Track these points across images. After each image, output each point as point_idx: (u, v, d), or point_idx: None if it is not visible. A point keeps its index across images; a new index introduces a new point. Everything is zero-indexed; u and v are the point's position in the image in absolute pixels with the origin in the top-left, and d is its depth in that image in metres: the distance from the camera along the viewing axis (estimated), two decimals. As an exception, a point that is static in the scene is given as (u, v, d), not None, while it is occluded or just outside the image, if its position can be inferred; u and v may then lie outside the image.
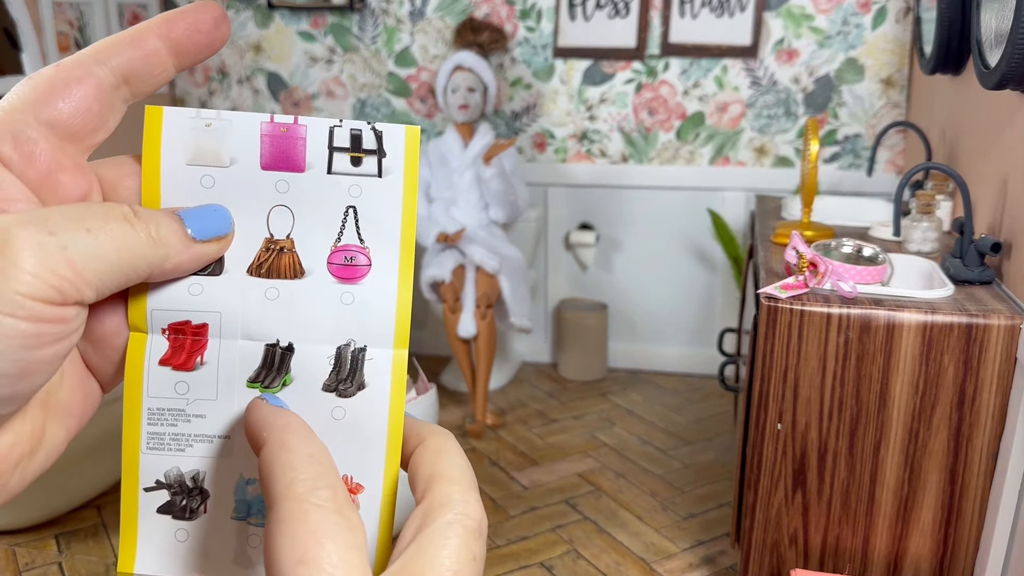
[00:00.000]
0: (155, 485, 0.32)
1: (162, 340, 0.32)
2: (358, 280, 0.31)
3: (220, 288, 0.31)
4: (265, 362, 0.31)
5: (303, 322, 0.31)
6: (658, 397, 2.77)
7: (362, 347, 0.31)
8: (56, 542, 1.94)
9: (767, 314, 1.36)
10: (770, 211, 2.17)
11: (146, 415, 0.32)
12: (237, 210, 0.31)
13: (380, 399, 0.31)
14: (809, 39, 2.61)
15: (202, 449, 0.32)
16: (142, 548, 0.32)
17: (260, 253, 0.31)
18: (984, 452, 1.34)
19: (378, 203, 0.31)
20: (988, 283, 1.44)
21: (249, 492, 0.32)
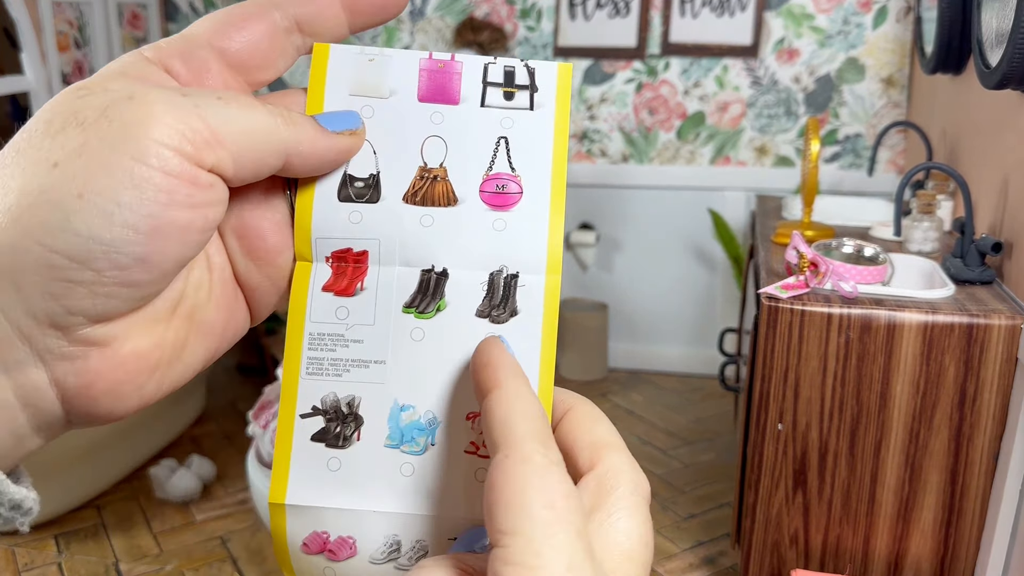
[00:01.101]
0: (311, 411, 0.32)
1: (325, 268, 0.32)
2: (510, 207, 0.32)
3: (378, 215, 0.32)
4: (420, 287, 0.32)
5: (457, 248, 0.32)
6: (658, 397, 2.76)
7: (514, 273, 0.32)
8: (55, 542, 1.94)
9: (768, 314, 1.36)
10: (771, 211, 2.16)
11: (307, 340, 0.32)
12: (393, 139, 0.32)
13: (533, 325, 0.31)
14: (810, 39, 2.60)
15: (358, 374, 0.32)
16: (294, 478, 0.32)
17: (415, 181, 0.32)
18: (985, 452, 1.33)
19: (529, 134, 0.32)
20: (989, 283, 1.44)
21: (403, 419, 0.31)
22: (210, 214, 0.27)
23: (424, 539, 0.31)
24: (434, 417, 0.31)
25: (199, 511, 2.06)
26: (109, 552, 1.90)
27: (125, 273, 0.25)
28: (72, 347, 0.26)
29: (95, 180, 0.24)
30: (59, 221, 0.24)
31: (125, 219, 0.25)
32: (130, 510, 2.07)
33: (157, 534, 1.97)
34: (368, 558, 0.31)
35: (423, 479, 0.31)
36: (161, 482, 2.08)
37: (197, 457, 2.19)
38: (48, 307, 0.25)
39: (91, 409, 0.27)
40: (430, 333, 0.32)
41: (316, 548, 0.32)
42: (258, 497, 1.68)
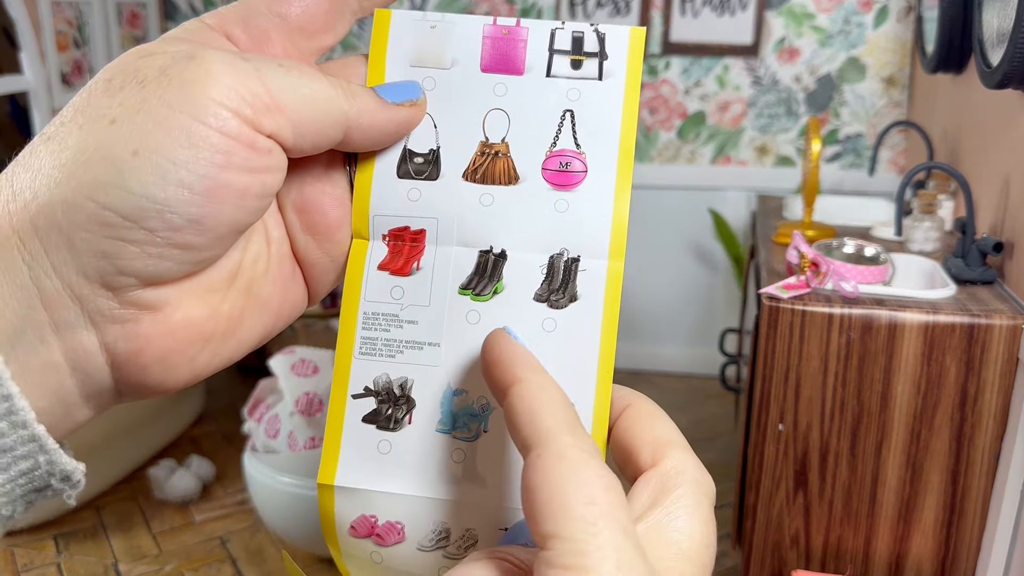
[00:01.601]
0: (363, 392, 0.31)
1: (382, 246, 0.32)
2: (573, 187, 0.30)
3: (437, 193, 0.31)
4: (477, 269, 0.31)
5: (517, 229, 0.31)
6: (659, 397, 2.74)
7: (575, 257, 0.30)
8: (55, 542, 1.93)
9: (768, 314, 1.36)
10: (771, 211, 2.16)
11: (361, 319, 0.31)
12: (455, 113, 0.31)
13: (593, 312, 0.30)
14: (810, 38, 2.60)
15: (412, 356, 0.31)
16: (344, 459, 0.31)
17: (475, 157, 0.31)
18: (986, 453, 1.33)
19: (597, 107, 0.31)
20: (990, 283, 1.43)
21: (455, 404, 0.31)
22: (268, 181, 0.26)
23: (474, 528, 0.30)
24: (487, 403, 0.30)
25: (198, 511, 2.06)
26: (108, 552, 1.90)
27: (178, 234, 0.25)
28: (123, 309, 0.26)
29: (151, 137, 0.24)
30: (113, 178, 0.24)
31: (180, 178, 0.24)
32: (129, 510, 2.06)
33: (156, 534, 1.96)
34: (416, 544, 0.31)
35: (474, 466, 0.30)
36: (160, 482, 2.08)
37: (196, 457, 2.19)
38: (100, 266, 0.25)
39: (141, 378, 0.27)
40: (486, 316, 0.31)
41: (364, 532, 0.31)
42: (256, 491, 1.68)
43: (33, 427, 0.24)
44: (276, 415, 1.74)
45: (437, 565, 0.31)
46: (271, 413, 1.75)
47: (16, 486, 0.25)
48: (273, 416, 1.74)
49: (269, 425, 1.73)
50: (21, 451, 0.25)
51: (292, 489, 1.60)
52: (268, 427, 1.73)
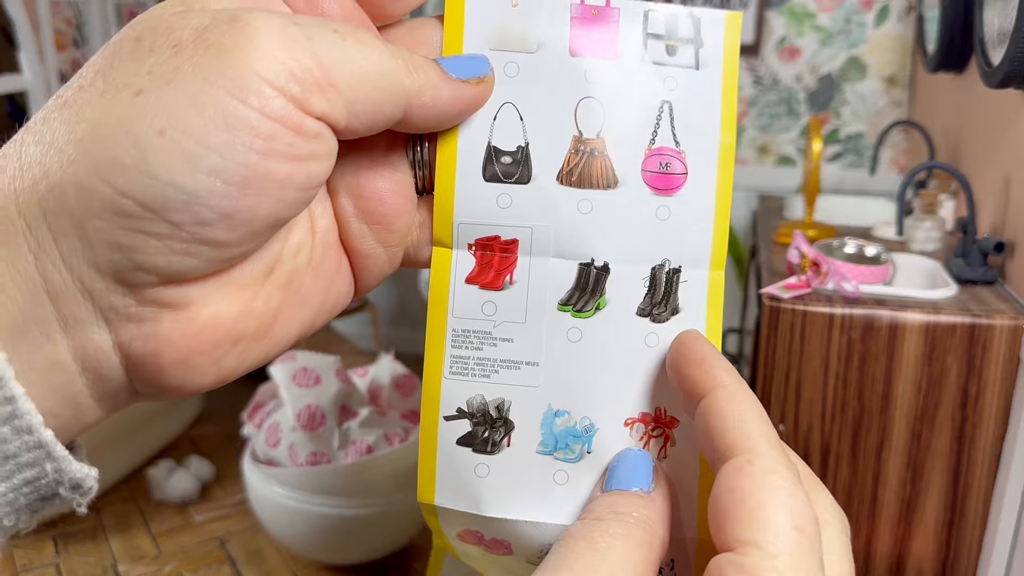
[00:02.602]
0: (456, 414, 0.29)
1: (468, 256, 0.29)
2: (674, 192, 0.28)
3: (530, 199, 0.28)
4: (579, 283, 0.29)
5: (618, 240, 0.28)
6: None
7: (677, 268, 0.29)
8: (54, 543, 1.93)
9: (769, 314, 1.35)
10: (772, 210, 2.16)
11: (450, 337, 0.29)
12: (543, 101, 0.28)
13: (695, 324, 0.29)
14: (811, 37, 2.60)
15: (508, 376, 0.29)
16: (441, 480, 0.30)
17: (569, 156, 0.28)
18: (987, 453, 1.33)
19: (695, 100, 0.28)
20: (991, 283, 1.43)
21: (557, 425, 0.29)
22: (314, 169, 0.23)
23: None
24: (591, 424, 0.29)
25: (197, 512, 2.06)
26: (107, 553, 1.89)
27: (206, 230, 0.22)
28: (141, 308, 0.22)
29: (182, 115, 0.21)
30: (134, 159, 0.21)
31: (213, 165, 0.21)
32: (128, 511, 2.06)
33: (155, 535, 1.96)
34: (525, 559, 0.30)
35: (578, 488, 0.29)
36: (159, 483, 2.08)
37: (195, 458, 2.18)
38: (114, 259, 0.22)
39: (159, 380, 0.24)
40: (587, 334, 0.29)
41: (471, 540, 0.30)
42: (255, 497, 1.67)
43: (40, 432, 0.22)
44: (276, 423, 1.72)
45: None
46: (271, 421, 1.73)
47: (20, 495, 0.23)
48: (273, 424, 1.72)
49: (270, 433, 1.72)
50: (26, 458, 0.22)
51: (294, 503, 1.59)
52: (268, 435, 1.72)
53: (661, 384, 0.29)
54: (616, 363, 0.29)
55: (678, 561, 0.28)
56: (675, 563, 0.28)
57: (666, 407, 0.29)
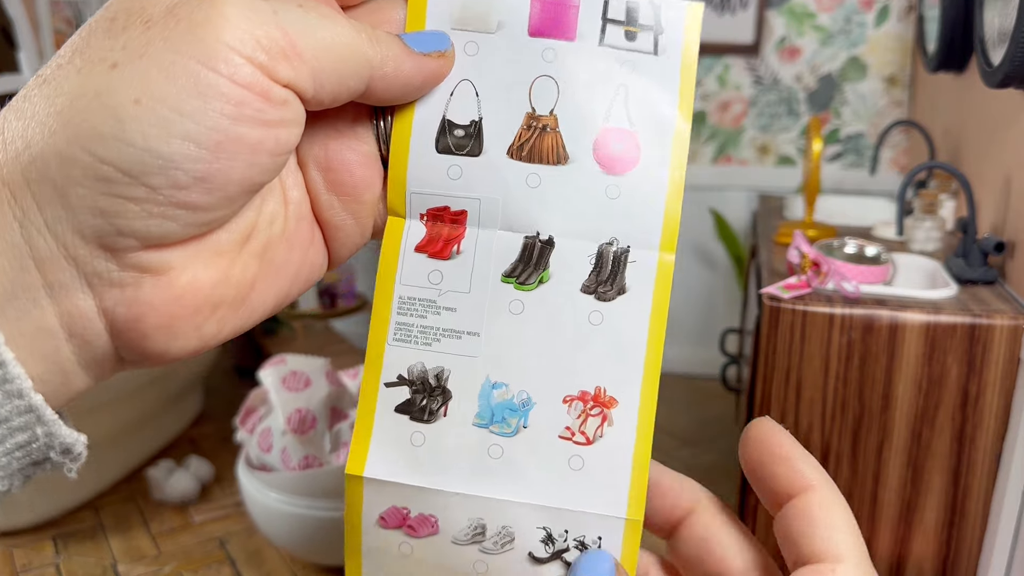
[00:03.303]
0: (397, 380, 0.30)
1: (419, 226, 0.30)
2: (626, 171, 0.29)
3: (479, 171, 0.29)
4: (523, 256, 0.29)
5: (565, 215, 0.29)
6: (659, 398, 2.75)
7: (625, 247, 0.29)
8: (53, 543, 1.93)
9: (769, 314, 1.35)
10: (772, 210, 2.16)
11: (397, 303, 0.30)
12: (499, 79, 0.29)
13: (641, 306, 0.29)
14: (811, 37, 2.59)
15: (449, 345, 0.29)
16: (374, 450, 0.30)
17: (521, 131, 0.29)
18: (987, 453, 1.32)
19: (651, 84, 0.28)
20: (992, 283, 1.43)
21: (495, 397, 0.29)
22: (283, 135, 0.24)
23: (511, 525, 0.29)
24: (528, 398, 0.29)
25: (197, 512, 2.06)
26: (107, 553, 1.89)
27: (183, 193, 0.23)
28: (123, 272, 0.24)
29: (156, 85, 0.22)
30: (112, 128, 0.22)
31: (187, 131, 0.22)
32: (128, 511, 2.06)
33: (155, 535, 1.96)
34: (451, 538, 0.29)
35: (513, 463, 0.29)
36: (159, 483, 2.08)
37: (195, 458, 2.19)
38: (97, 224, 0.23)
39: (142, 346, 0.25)
40: (530, 307, 0.29)
41: (394, 523, 0.30)
42: (250, 502, 1.66)
43: (30, 397, 0.23)
44: (268, 428, 1.71)
45: (472, 559, 0.29)
46: (263, 426, 1.72)
47: (12, 459, 0.23)
48: (265, 429, 1.71)
49: (262, 438, 1.71)
50: (17, 422, 0.23)
51: (289, 508, 1.58)
52: (261, 440, 1.71)
53: (603, 363, 0.29)
54: (558, 339, 0.29)
55: (606, 539, 0.29)
56: (602, 540, 0.29)
57: (606, 386, 0.29)
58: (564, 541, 0.29)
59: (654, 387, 0.29)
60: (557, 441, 0.29)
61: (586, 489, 0.29)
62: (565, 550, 0.29)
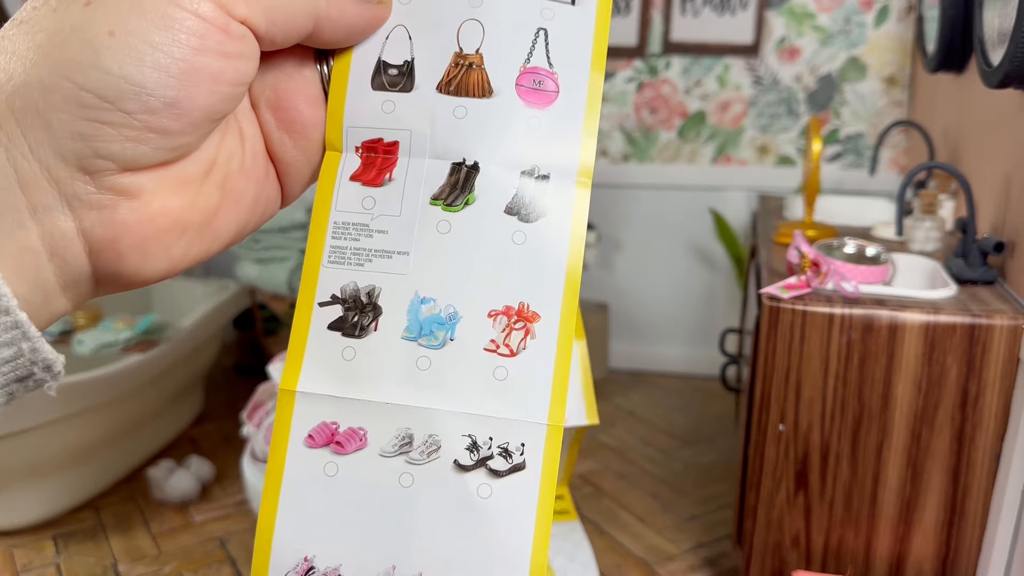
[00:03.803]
0: (330, 300, 0.31)
1: (355, 158, 0.32)
2: (545, 106, 0.31)
3: (410, 105, 0.31)
4: (450, 180, 0.31)
5: (490, 143, 0.31)
6: (659, 398, 2.76)
7: (546, 174, 0.31)
8: (54, 543, 1.93)
9: (769, 314, 1.35)
10: (772, 210, 2.16)
11: (331, 228, 0.32)
12: (430, 23, 0.31)
13: (562, 228, 0.31)
14: (811, 37, 2.60)
15: (380, 264, 0.31)
16: (307, 366, 0.31)
17: (449, 69, 0.31)
18: (987, 453, 1.33)
19: (569, 30, 0.31)
20: (991, 283, 1.43)
21: (423, 312, 0.31)
22: (241, 67, 0.27)
23: (437, 434, 0.30)
24: (455, 312, 0.31)
25: (198, 512, 2.06)
26: (107, 553, 1.89)
27: (155, 117, 0.25)
28: (100, 194, 0.26)
29: (127, 19, 0.24)
30: (89, 58, 0.24)
31: (157, 60, 0.25)
32: (128, 511, 2.06)
33: (155, 535, 1.96)
34: (378, 451, 0.31)
35: (440, 373, 0.30)
36: (159, 483, 2.08)
37: (196, 458, 2.19)
38: (77, 148, 0.25)
39: (117, 265, 0.27)
40: (456, 227, 0.31)
41: (322, 440, 0.31)
42: (254, 497, 1.67)
43: (16, 313, 0.24)
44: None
45: (399, 471, 0.31)
46: (270, 420, 1.73)
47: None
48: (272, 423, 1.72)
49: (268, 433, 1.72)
50: (4, 338, 0.24)
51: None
52: (268, 434, 1.72)
53: (525, 280, 0.31)
54: (482, 256, 0.31)
55: (528, 444, 0.30)
56: (525, 446, 0.30)
57: (529, 302, 0.31)
58: (488, 448, 0.30)
59: (574, 302, 0.31)
60: (482, 353, 0.30)
61: (510, 398, 0.30)
62: (489, 457, 0.30)
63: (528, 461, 0.30)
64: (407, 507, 0.30)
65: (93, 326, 2.29)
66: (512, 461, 0.30)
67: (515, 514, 0.30)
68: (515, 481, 0.30)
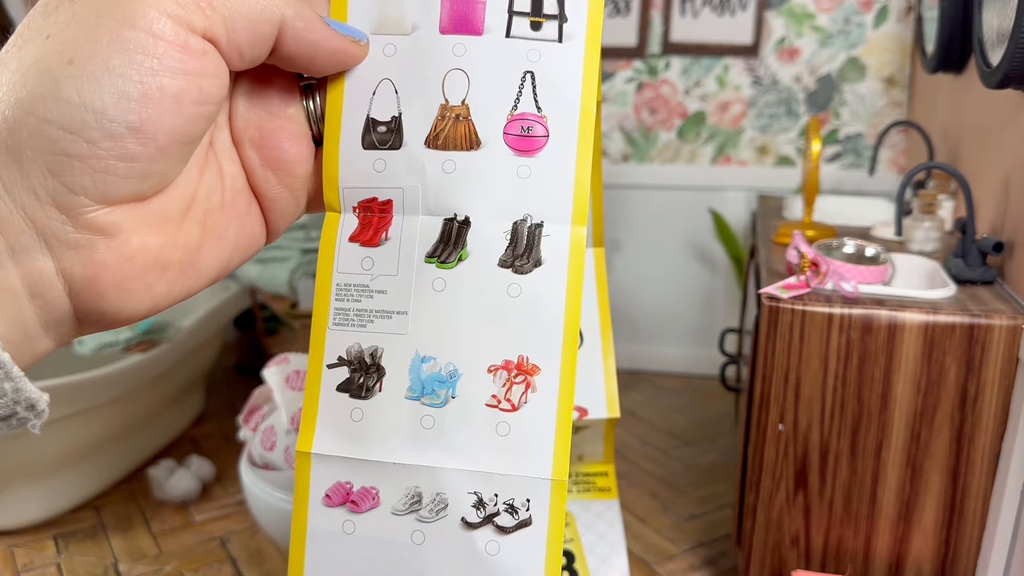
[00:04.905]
0: (337, 361, 0.32)
1: (352, 218, 0.32)
2: (535, 152, 0.31)
3: (400, 163, 0.31)
4: (442, 237, 0.31)
5: (479, 195, 0.31)
6: (659, 398, 2.76)
7: (539, 223, 0.31)
8: (54, 543, 1.93)
9: (768, 314, 1.36)
10: (772, 211, 2.16)
11: (335, 291, 0.32)
12: (415, 76, 0.31)
13: (557, 277, 0.30)
14: (811, 38, 2.60)
15: (381, 325, 0.31)
16: (320, 427, 0.32)
17: (436, 122, 0.31)
18: (986, 453, 1.33)
19: (557, 69, 0.31)
20: (990, 283, 1.43)
21: (424, 371, 0.31)
22: (205, 85, 0.26)
23: (444, 492, 0.31)
24: (455, 369, 0.31)
25: (198, 512, 2.06)
26: (108, 553, 1.89)
27: (120, 144, 0.25)
28: (78, 233, 0.25)
29: (84, 45, 0.24)
30: (50, 89, 0.24)
31: (115, 84, 0.24)
32: (129, 511, 2.06)
33: (156, 535, 1.96)
34: (390, 509, 0.31)
35: (443, 432, 0.31)
36: (160, 483, 2.08)
37: (196, 458, 2.19)
38: (49, 185, 0.25)
39: (99, 304, 0.27)
40: (452, 283, 0.31)
41: (338, 500, 0.32)
42: (253, 500, 1.67)
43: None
44: (271, 426, 1.72)
45: (411, 529, 0.31)
46: (266, 424, 1.73)
47: None
48: (268, 427, 1.72)
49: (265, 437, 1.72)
50: None
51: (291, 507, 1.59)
52: (264, 439, 1.72)
53: (523, 332, 0.30)
54: (479, 312, 0.31)
55: (534, 500, 0.30)
56: (531, 502, 0.30)
57: (528, 355, 0.30)
58: (495, 505, 0.30)
59: (573, 352, 0.30)
60: (484, 409, 0.30)
61: (513, 454, 0.30)
62: (496, 514, 0.30)
63: (534, 517, 0.30)
64: (420, 564, 0.31)
65: (93, 326, 2.29)
66: (518, 517, 0.30)
67: (524, 571, 0.30)
68: (522, 537, 0.30)
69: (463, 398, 0.31)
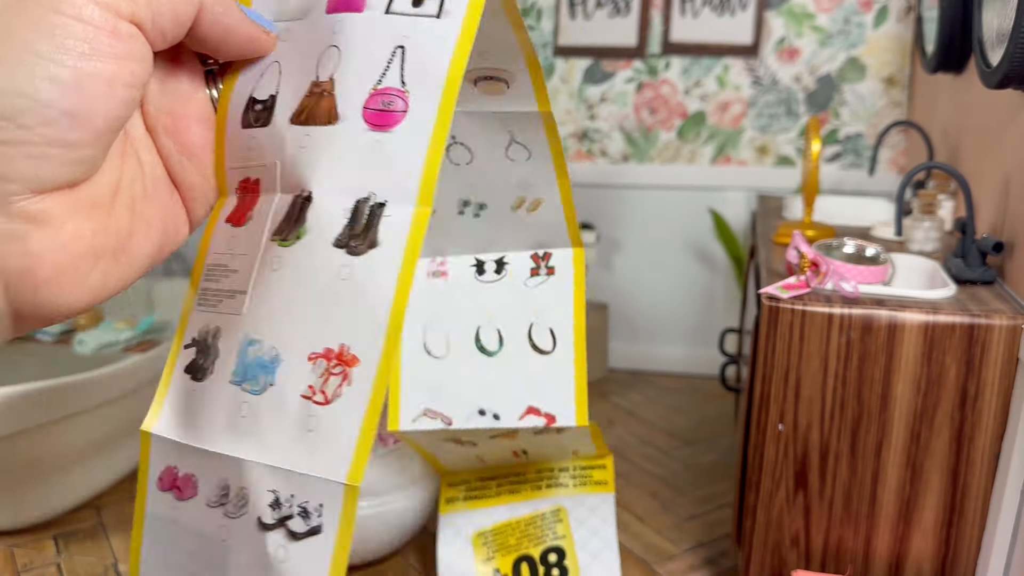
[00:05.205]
0: (191, 342, 0.31)
1: (234, 199, 0.32)
2: (390, 127, 0.29)
3: (267, 140, 0.31)
4: (288, 214, 0.30)
5: (328, 171, 0.29)
6: (659, 398, 2.76)
7: (382, 202, 0.29)
8: (54, 543, 1.93)
9: (768, 314, 1.36)
10: (771, 211, 2.16)
11: (205, 271, 0.32)
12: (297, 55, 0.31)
13: (391, 261, 0.28)
14: (810, 38, 2.60)
15: (226, 305, 0.30)
16: (164, 408, 0.31)
17: (303, 99, 0.30)
18: (986, 453, 1.33)
19: (429, 44, 0.29)
20: (990, 283, 1.43)
21: (249, 354, 0.29)
22: (135, 69, 0.27)
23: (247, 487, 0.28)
24: (277, 355, 0.28)
25: (198, 512, 2.05)
26: (108, 553, 1.89)
27: (55, 130, 0.25)
28: (11, 224, 0.25)
29: (15, 34, 0.24)
30: None
31: (47, 71, 0.24)
32: (129, 511, 2.06)
33: (156, 535, 1.96)
34: (205, 500, 0.29)
35: (256, 421, 0.28)
36: (160, 482, 2.07)
37: (196, 457, 2.18)
38: None
39: (35, 297, 0.26)
40: (286, 262, 0.29)
41: (167, 484, 0.30)
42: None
43: None
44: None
45: (219, 523, 0.29)
46: None
47: None
48: None
49: None
50: None
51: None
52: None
53: (348, 320, 0.28)
54: (308, 294, 0.28)
55: (326, 506, 0.28)
56: (323, 507, 0.28)
57: (350, 345, 0.28)
58: (290, 507, 0.28)
59: (394, 347, 0.28)
60: (299, 400, 0.28)
61: (316, 451, 0.28)
62: (290, 516, 0.28)
63: (324, 524, 0.27)
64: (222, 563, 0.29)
65: (94, 326, 2.29)
66: (310, 523, 0.27)
67: None
68: (310, 546, 0.27)
69: (280, 386, 0.28)
